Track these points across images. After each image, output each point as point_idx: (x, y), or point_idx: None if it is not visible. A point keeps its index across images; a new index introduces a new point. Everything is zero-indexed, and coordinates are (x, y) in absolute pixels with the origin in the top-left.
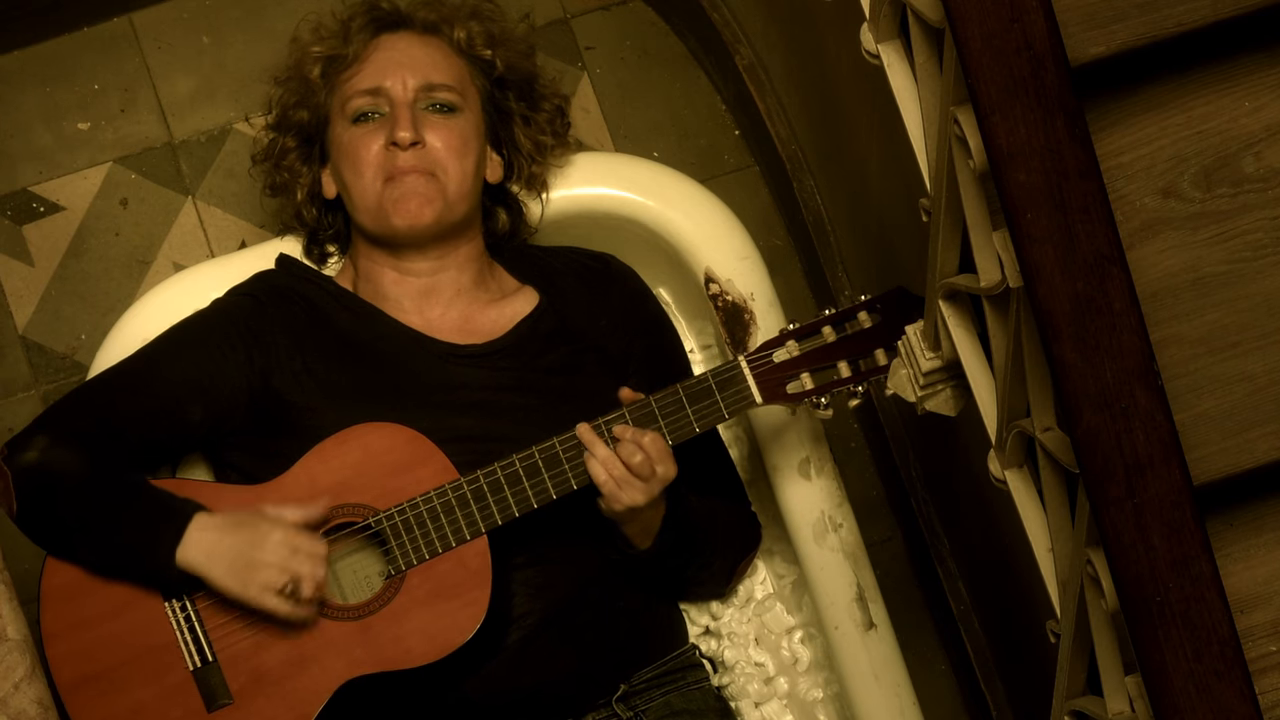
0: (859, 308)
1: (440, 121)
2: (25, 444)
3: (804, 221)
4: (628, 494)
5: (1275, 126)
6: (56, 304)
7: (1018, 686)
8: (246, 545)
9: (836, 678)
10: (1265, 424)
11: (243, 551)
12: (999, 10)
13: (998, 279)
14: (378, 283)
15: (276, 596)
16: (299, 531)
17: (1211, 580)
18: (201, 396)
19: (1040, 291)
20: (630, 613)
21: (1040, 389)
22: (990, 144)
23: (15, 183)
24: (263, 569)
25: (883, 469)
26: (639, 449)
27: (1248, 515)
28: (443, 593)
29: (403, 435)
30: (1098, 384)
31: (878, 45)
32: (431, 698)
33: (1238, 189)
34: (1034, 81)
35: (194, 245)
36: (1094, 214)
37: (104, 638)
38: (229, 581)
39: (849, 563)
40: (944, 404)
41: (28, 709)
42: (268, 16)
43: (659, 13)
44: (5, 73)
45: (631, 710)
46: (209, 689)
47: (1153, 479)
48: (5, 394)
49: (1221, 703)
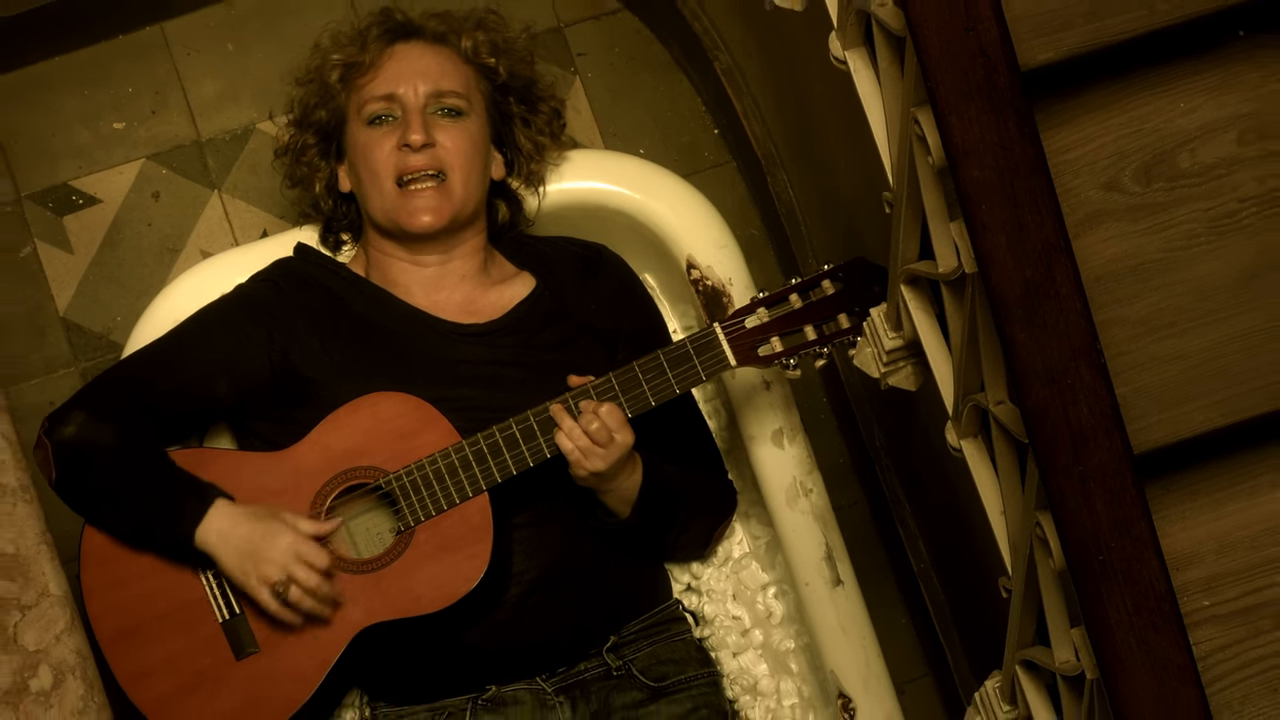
0: (823, 276)
1: (449, 124)
2: (64, 418)
3: (777, 213)
4: (590, 461)
5: (1208, 126)
6: (94, 288)
7: (973, 638)
8: (258, 538)
9: (807, 630)
10: (1199, 398)
11: (253, 542)
12: (955, 20)
13: (955, 265)
14: (388, 270)
15: (268, 590)
16: (307, 541)
17: (1150, 541)
18: (226, 373)
19: (993, 277)
20: (619, 571)
21: (993, 366)
22: (947, 142)
23: (56, 177)
24: (265, 563)
25: (849, 439)
26: (596, 418)
27: (1183, 481)
28: (448, 546)
29: (409, 403)
30: (1046, 361)
31: (845, 52)
32: (439, 646)
33: (1174, 183)
34: (987, 85)
35: (220, 234)
36: (1042, 206)
37: (139, 594)
38: (234, 565)
39: (818, 525)
40: (905, 380)
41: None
42: (286, 26)
43: (645, 22)
44: (47, 77)
45: (620, 659)
46: (237, 639)
47: (1096, 448)
48: (47, 371)
49: (1158, 653)
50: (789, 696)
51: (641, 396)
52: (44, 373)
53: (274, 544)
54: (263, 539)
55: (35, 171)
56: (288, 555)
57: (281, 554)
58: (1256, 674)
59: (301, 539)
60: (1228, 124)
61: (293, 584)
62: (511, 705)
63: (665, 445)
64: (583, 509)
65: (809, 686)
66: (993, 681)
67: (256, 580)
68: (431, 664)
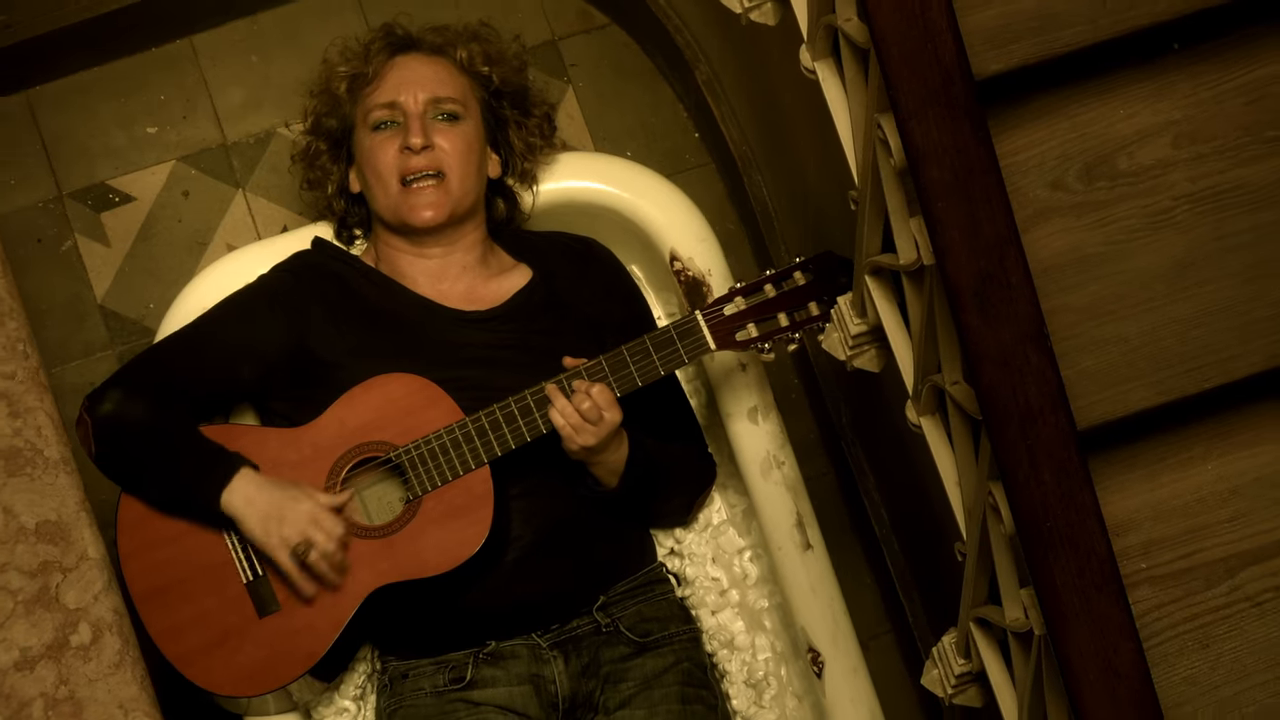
0: (794, 268)
1: (446, 128)
2: (102, 397)
3: (752, 210)
4: (582, 436)
5: (1145, 130)
6: (129, 278)
7: (931, 597)
8: (280, 503)
9: (779, 590)
10: (1137, 379)
11: (276, 507)
12: (915, 33)
13: (914, 258)
14: (396, 262)
15: (287, 552)
16: (325, 511)
17: (1092, 509)
18: (249, 357)
19: (949, 268)
20: (607, 537)
21: (949, 349)
22: (908, 145)
23: (95, 177)
24: (286, 526)
25: (818, 416)
26: (587, 397)
27: (1122, 455)
28: (453, 513)
29: (416, 383)
30: (998, 345)
31: (814, 63)
32: (444, 605)
33: (1114, 182)
34: (944, 93)
35: (244, 229)
36: (994, 203)
37: (170, 557)
38: (256, 528)
39: (790, 494)
40: (869, 362)
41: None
42: (305, 39)
43: (631, 35)
44: (86, 86)
45: (609, 617)
46: (260, 599)
47: (1043, 425)
48: (86, 354)
49: (1100, 611)
50: (763, 651)
51: (629, 377)
52: (83, 356)
53: (294, 509)
54: (284, 504)
55: (75, 172)
56: (307, 520)
57: (301, 519)
58: (1189, 630)
59: (321, 508)
60: (1163, 129)
61: (311, 547)
62: (510, 659)
63: (651, 421)
64: (574, 479)
65: (781, 642)
66: (949, 637)
67: (278, 541)
68: (437, 621)
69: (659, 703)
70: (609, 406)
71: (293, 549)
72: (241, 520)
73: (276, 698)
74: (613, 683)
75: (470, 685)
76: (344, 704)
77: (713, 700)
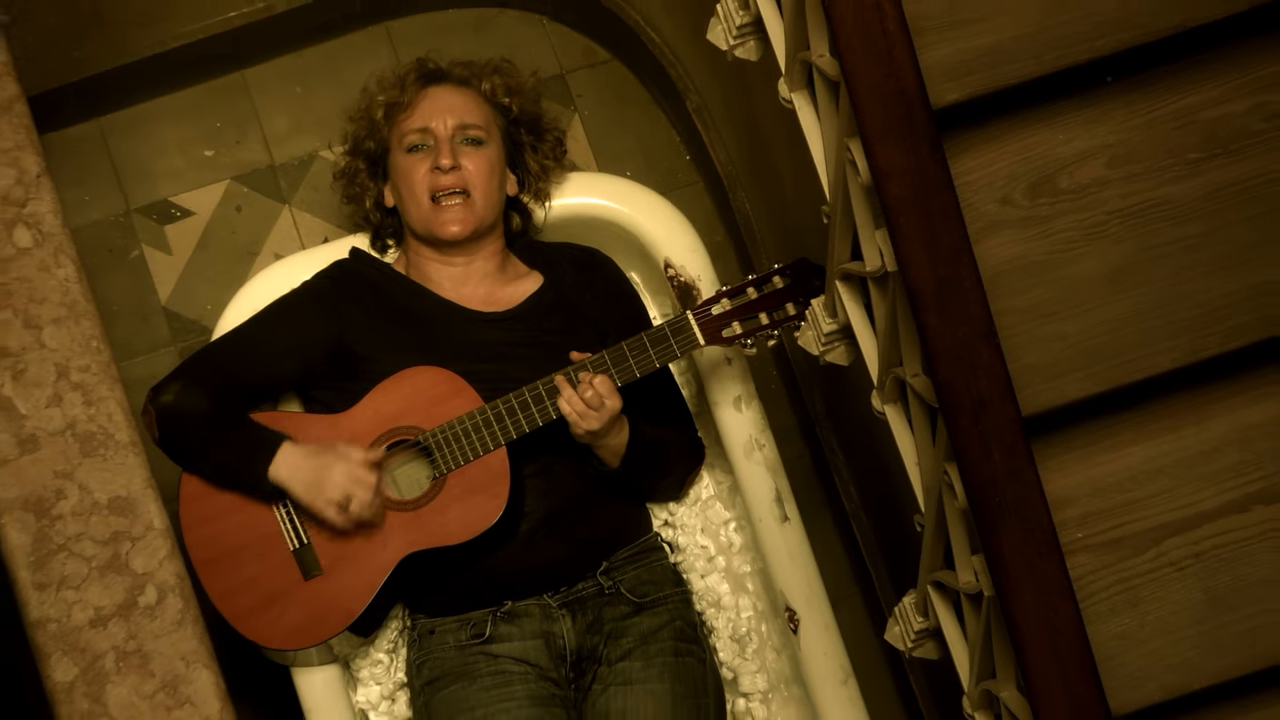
0: (773, 273)
1: (472, 151)
2: (165, 389)
3: (737, 223)
4: (586, 422)
5: (1083, 153)
6: (189, 283)
7: (894, 564)
8: (321, 469)
9: (760, 557)
10: (1075, 371)
11: (317, 473)
12: (879, 67)
13: (879, 265)
14: (424, 268)
15: (334, 508)
16: (360, 465)
17: (1036, 486)
18: (293, 352)
19: (910, 274)
20: (610, 510)
21: (910, 346)
22: (873, 166)
23: (158, 194)
24: (329, 487)
25: (795, 404)
26: (590, 387)
27: (1062, 438)
28: (474, 489)
29: (442, 375)
30: (953, 342)
31: (791, 93)
32: (466, 570)
33: (1055, 199)
34: (906, 120)
35: (289, 240)
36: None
37: (226, 528)
38: (303, 493)
39: (770, 473)
40: (840, 356)
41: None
42: (343, 72)
43: (630, 69)
44: (151, 114)
45: (611, 580)
46: (305, 564)
47: (993, 412)
48: (150, 350)
49: (1043, 575)
50: (746, 610)
51: (628, 369)
52: (148, 351)
53: (334, 470)
54: (325, 468)
55: (142, 190)
56: (346, 478)
57: (341, 477)
58: (1120, 592)
59: (356, 464)
60: (1098, 151)
61: (352, 500)
62: (523, 617)
63: (648, 409)
64: (582, 460)
65: (762, 602)
66: (909, 598)
67: (323, 502)
68: (460, 584)
69: (655, 655)
70: (610, 395)
71: (337, 504)
72: (289, 487)
73: (319, 651)
74: (614, 638)
75: (489, 640)
76: (378, 656)
77: (702, 654)
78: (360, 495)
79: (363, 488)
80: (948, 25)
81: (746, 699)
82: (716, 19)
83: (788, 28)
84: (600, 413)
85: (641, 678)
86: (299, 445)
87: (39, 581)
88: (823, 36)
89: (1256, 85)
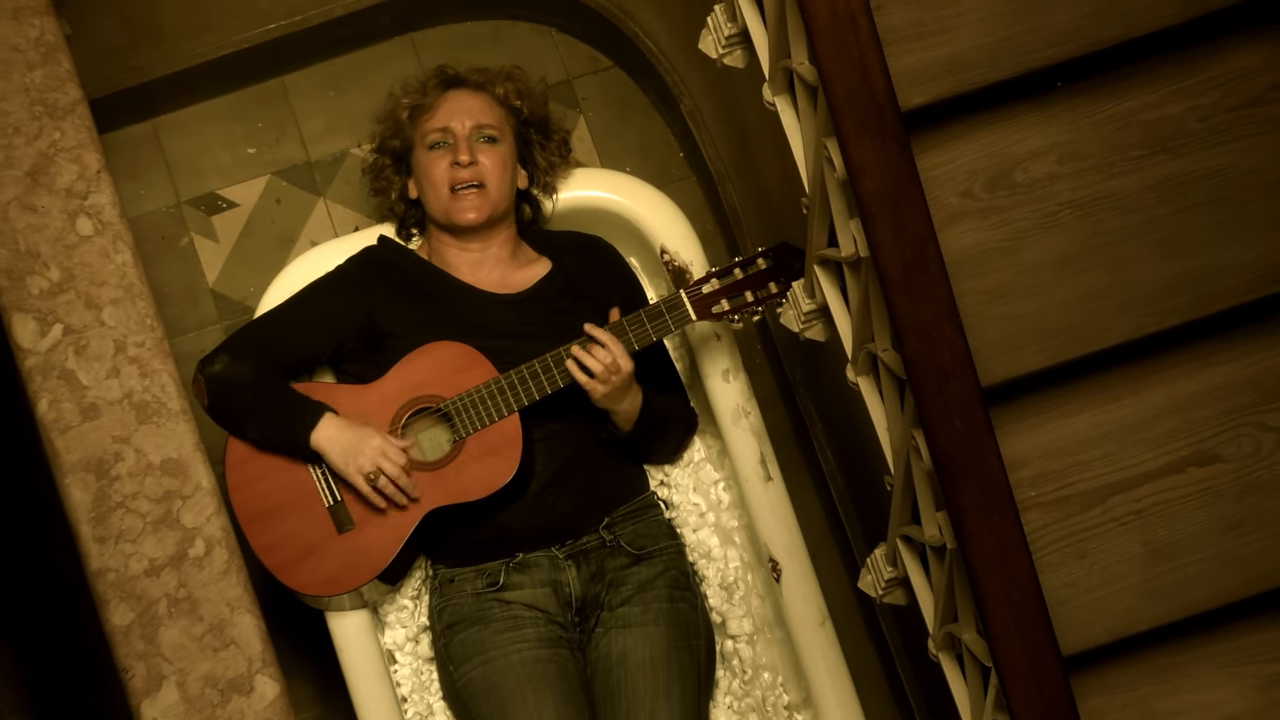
0: (757, 255)
1: (487, 148)
2: (213, 361)
3: (726, 213)
4: (602, 386)
5: (1036, 151)
6: (234, 267)
7: (867, 519)
8: (356, 440)
9: (746, 513)
10: (1028, 346)
11: (352, 443)
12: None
13: (853, 251)
14: (444, 254)
15: (363, 478)
16: (391, 444)
17: (993, 449)
18: (328, 329)
19: (881, 259)
20: (611, 471)
21: (881, 323)
22: (848, 162)
23: (206, 188)
24: (361, 457)
25: (778, 375)
26: (607, 351)
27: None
28: (490, 451)
29: (461, 349)
30: (919, 320)
31: (774, 97)
32: (483, 524)
33: (1011, 192)
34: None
35: (324, 229)
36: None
37: (268, 488)
38: (338, 460)
39: (755, 437)
40: (817, 333)
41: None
42: (371, 79)
43: (630, 75)
44: (200, 116)
45: (612, 534)
46: (339, 519)
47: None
48: (199, 327)
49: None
50: (733, 561)
51: (628, 342)
52: (197, 329)
53: (367, 444)
54: (359, 441)
55: (191, 184)
56: (377, 452)
57: (373, 451)
58: (1068, 545)
59: (388, 443)
60: (1050, 149)
61: (381, 473)
62: (534, 567)
63: (646, 380)
64: (589, 426)
65: (748, 554)
66: (880, 550)
67: (354, 470)
68: (477, 537)
69: (651, 602)
70: (623, 356)
71: (366, 475)
72: (326, 454)
73: (351, 597)
74: (615, 586)
75: (503, 588)
76: (404, 602)
77: (694, 600)
78: (388, 469)
79: (390, 463)
80: (914, 37)
81: (734, 640)
82: (707, 30)
83: (771, 38)
84: (617, 375)
85: (639, 622)
86: (338, 417)
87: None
88: (802, 46)
89: (1191, 90)
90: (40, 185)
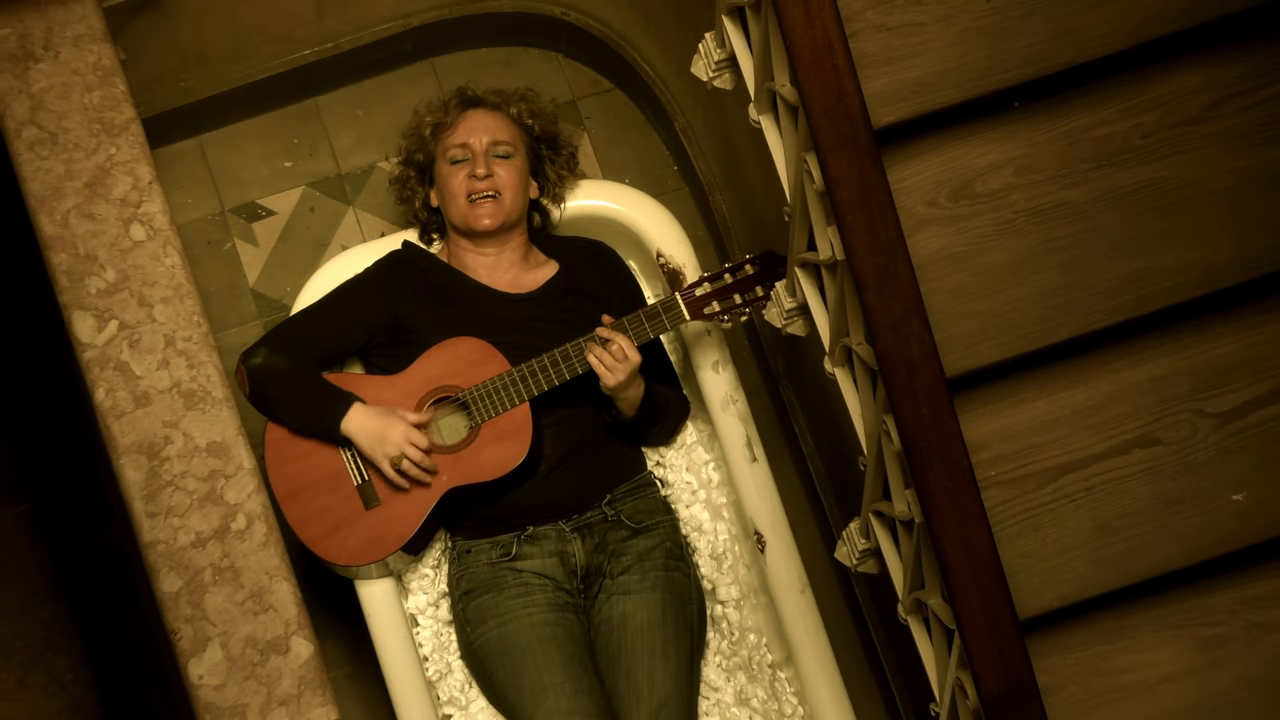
0: (745, 262)
1: (502, 163)
2: (254, 353)
3: (715, 221)
4: (614, 374)
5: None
6: (272, 269)
7: (843, 496)
8: (383, 428)
9: (734, 490)
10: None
11: (380, 430)
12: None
13: (831, 255)
14: (462, 258)
15: (389, 462)
16: (415, 431)
17: (957, 433)
18: (357, 326)
19: (855, 262)
20: (613, 452)
21: (855, 320)
22: (826, 175)
23: (247, 197)
24: (388, 444)
25: (762, 367)
26: (617, 343)
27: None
28: (503, 436)
29: (477, 344)
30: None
31: (759, 115)
32: (497, 501)
33: (973, 201)
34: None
35: (353, 235)
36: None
37: (303, 468)
38: (366, 445)
39: (741, 423)
40: (798, 328)
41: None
42: (396, 99)
43: (629, 96)
44: (242, 132)
45: (613, 510)
46: (366, 496)
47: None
48: (241, 323)
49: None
50: (722, 534)
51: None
52: (239, 325)
53: (393, 431)
54: (385, 428)
55: (233, 193)
56: (402, 439)
57: (399, 437)
58: (1024, 519)
59: (411, 430)
60: (1007, 162)
61: (404, 458)
62: (543, 539)
63: (645, 371)
64: (594, 413)
65: (735, 527)
66: (855, 524)
67: (381, 455)
68: (491, 513)
69: (649, 571)
70: (630, 349)
71: (392, 460)
72: (355, 439)
73: (378, 567)
74: (616, 556)
75: (515, 558)
76: (425, 571)
77: (687, 569)
78: (412, 454)
79: (414, 448)
80: (885, 61)
81: (723, 605)
82: (698, 56)
83: (756, 63)
84: (625, 365)
85: (638, 588)
86: (366, 405)
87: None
88: (784, 70)
89: (1135, 109)
90: (98, 195)
